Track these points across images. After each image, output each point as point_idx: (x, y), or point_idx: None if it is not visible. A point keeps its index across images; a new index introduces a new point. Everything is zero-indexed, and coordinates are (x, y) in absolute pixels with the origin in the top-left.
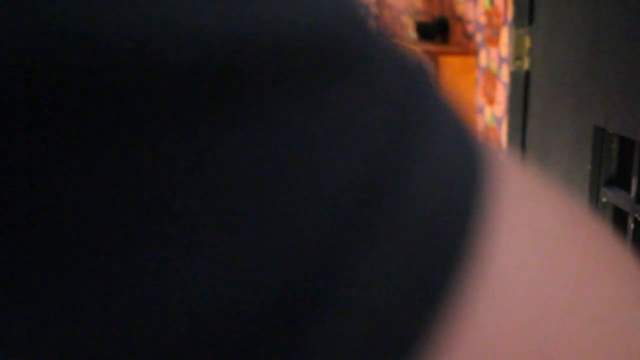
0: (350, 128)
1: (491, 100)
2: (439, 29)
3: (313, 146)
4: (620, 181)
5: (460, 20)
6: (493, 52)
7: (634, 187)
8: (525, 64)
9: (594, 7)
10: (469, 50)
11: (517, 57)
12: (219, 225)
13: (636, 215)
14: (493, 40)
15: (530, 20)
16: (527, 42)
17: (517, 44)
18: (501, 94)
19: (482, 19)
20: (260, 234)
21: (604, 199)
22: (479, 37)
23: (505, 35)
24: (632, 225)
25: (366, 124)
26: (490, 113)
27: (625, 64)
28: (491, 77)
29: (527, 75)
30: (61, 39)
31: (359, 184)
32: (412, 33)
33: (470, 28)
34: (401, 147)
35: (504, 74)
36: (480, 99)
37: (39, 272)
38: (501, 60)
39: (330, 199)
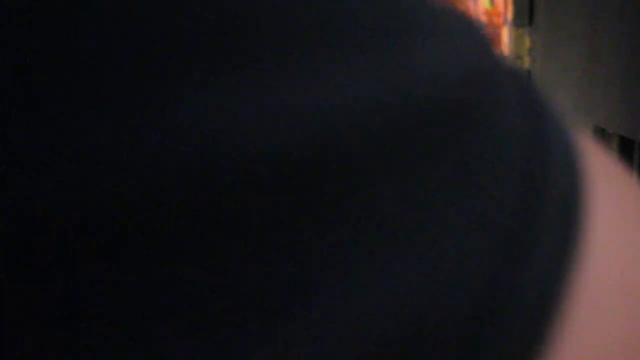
0: (489, 173)
1: None
2: None
3: (465, 189)
4: None
5: None
6: None
7: None
8: (525, 64)
9: (593, 7)
10: None
11: (517, 57)
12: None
13: None
14: (493, 40)
15: (530, 20)
16: (527, 42)
17: (517, 44)
18: None
19: (482, 19)
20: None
21: None
22: None
23: (505, 35)
24: None
25: (504, 167)
26: None
27: (625, 64)
28: None
29: (527, 75)
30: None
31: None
32: None
33: None
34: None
35: None
36: None
37: None
38: None
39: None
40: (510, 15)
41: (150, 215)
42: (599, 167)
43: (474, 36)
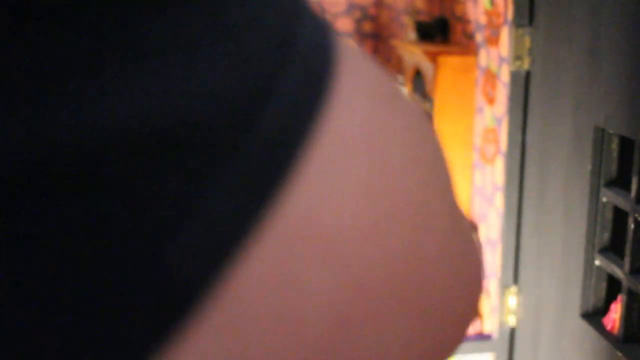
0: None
1: (491, 100)
2: (439, 29)
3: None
4: (620, 181)
5: (460, 20)
6: (493, 52)
7: (634, 187)
8: (525, 64)
9: (594, 7)
10: (469, 50)
11: (517, 57)
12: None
13: (636, 215)
14: (493, 40)
15: (530, 20)
16: (527, 42)
17: (517, 44)
18: (501, 94)
19: (482, 19)
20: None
21: (604, 199)
22: (479, 37)
23: (505, 35)
24: (632, 225)
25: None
26: (490, 113)
27: (625, 64)
28: (491, 77)
29: (527, 75)
30: None
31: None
32: (412, 33)
33: (470, 28)
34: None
35: (504, 74)
36: (480, 99)
37: None
38: (501, 60)
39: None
40: (510, 15)
41: None
42: (353, 56)
43: None
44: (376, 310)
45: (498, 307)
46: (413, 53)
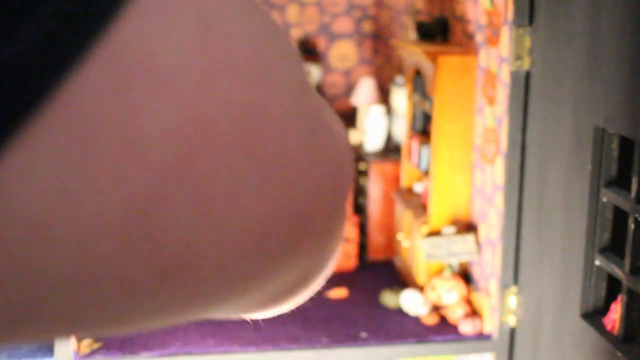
0: None
1: (491, 100)
2: (439, 29)
3: None
4: (620, 181)
5: (461, 20)
6: (493, 52)
7: (634, 187)
8: (525, 64)
9: (594, 7)
10: (469, 50)
11: (517, 57)
12: None
13: (636, 215)
14: (493, 40)
15: (530, 20)
16: (527, 42)
17: (517, 44)
18: (501, 94)
19: (482, 19)
20: None
21: (604, 199)
22: (479, 37)
23: (505, 35)
24: (632, 225)
25: None
26: (490, 113)
27: (625, 64)
28: (491, 77)
29: (527, 75)
30: None
31: None
32: (412, 33)
33: (471, 28)
34: None
35: (504, 74)
36: (480, 99)
37: None
38: (501, 60)
39: None
40: (510, 15)
41: None
42: None
43: None
44: (219, 149)
45: (498, 307)
46: (413, 53)
